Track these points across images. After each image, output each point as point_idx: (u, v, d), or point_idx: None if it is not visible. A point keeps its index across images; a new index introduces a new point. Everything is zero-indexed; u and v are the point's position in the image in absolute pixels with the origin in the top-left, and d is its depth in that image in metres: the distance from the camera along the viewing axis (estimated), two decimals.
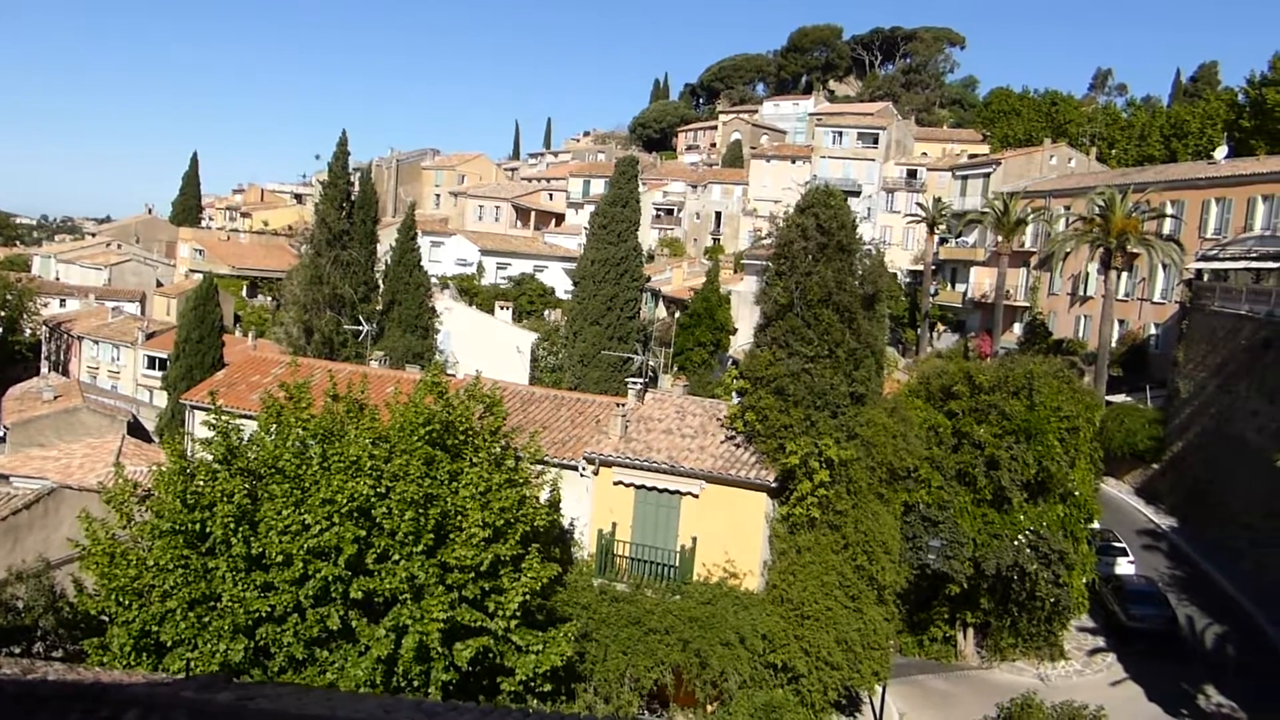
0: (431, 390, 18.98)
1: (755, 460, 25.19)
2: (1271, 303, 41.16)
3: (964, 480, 30.60)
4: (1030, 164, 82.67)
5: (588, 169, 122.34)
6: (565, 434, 27.90)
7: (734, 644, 23.71)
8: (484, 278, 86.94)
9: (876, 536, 24.99)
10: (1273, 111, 74.36)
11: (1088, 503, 32.18)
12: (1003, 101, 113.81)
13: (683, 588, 24.89)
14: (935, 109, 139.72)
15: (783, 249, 25.50)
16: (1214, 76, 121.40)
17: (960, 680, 31.46)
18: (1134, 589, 35.57)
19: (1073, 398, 31.80)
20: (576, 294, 55.10)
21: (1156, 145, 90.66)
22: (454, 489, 17.36)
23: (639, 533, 25.99)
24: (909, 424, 27.04)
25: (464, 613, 16.37)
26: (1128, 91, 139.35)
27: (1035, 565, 30.11)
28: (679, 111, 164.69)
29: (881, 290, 26.89)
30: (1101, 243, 52.09)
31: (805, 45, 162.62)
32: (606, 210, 54.84)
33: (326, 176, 51.15)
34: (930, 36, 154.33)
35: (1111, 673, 32.35)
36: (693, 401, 29.41)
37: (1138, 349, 59.01)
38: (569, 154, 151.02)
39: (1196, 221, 57.94)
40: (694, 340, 61.72)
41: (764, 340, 25.67)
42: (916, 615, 32.36)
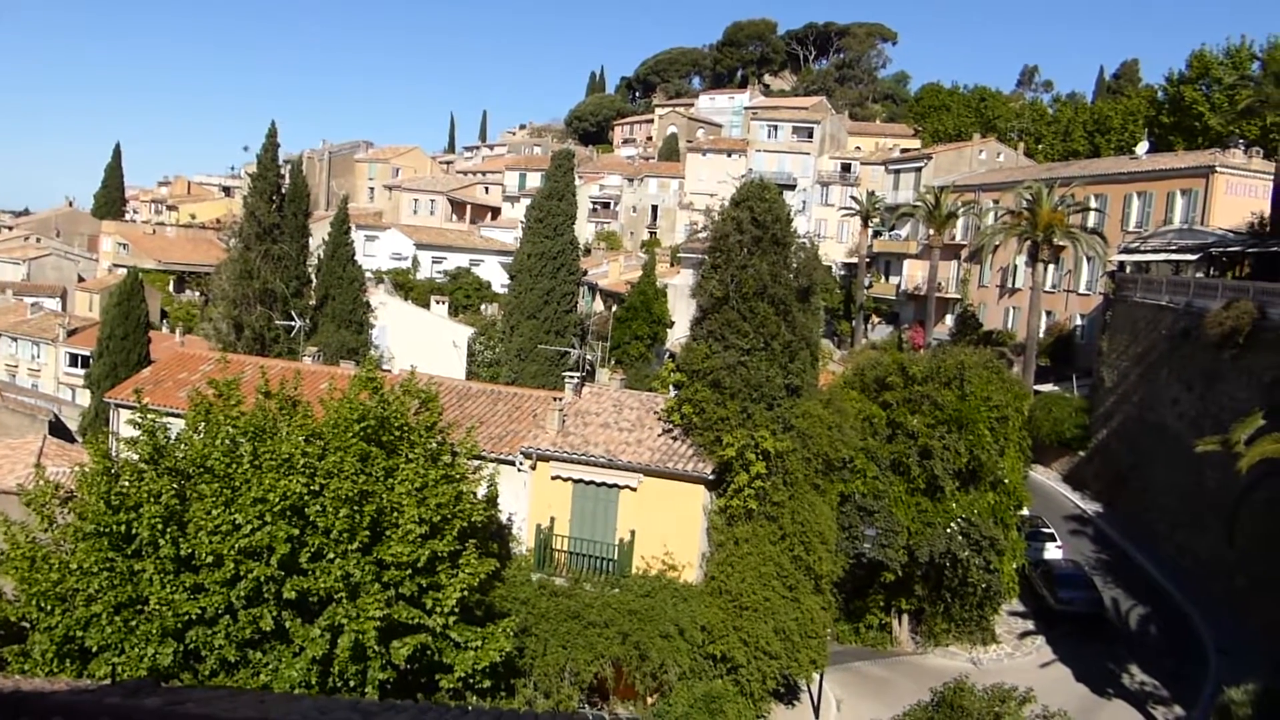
0: (366, 386, 18.72)
1: (692, 453, 25.30)
2: (1190, 293, 42.43)
3: (898, 470, 31.09)
4: (960, 158, 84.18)
5: (524, 162, 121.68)
6: (502, 429, 27.74)
7: (673, 636, 23.81)
8: (419, 272, 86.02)
9: (813, 527, 25.26)
10: (1190, 109, 76.64)
11: (1017, 490, 32.91)
12: (933, 97, 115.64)
13: (622, 581, 24.92)
14: (868, 104, 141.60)
15: (718, 242, 25.61)
16: (1135, 74, 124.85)
17: (896, 666, 31.99)
18: (1062, 573, 36.51)
19: (1002, 388, 32.48)
20: (513, 288, 54.74)
21: (1081, 141, 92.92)
22: (390, 485, 17.15)
23: (577, 527, 25.96)
24: (844, 415, 27.36)
25: (401, 610, 16.18)
26: (1053, 88, 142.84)
27: (967, 552, 30.73)
28: (615, 105, 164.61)
29: (816, 283, 27.16)
30: (1029, 236, 53.27)
31: (740, 40, 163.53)
32: (543, 204, 54.55)
33: (256, 168, 50.09)
34: (863, 32, 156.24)
35: (1041, 655, 33.17)
36: (630, 395, 29.44)
37: (1064, 339, 60.51)
38: (505, 147, 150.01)
39: (1119, 215, 59.55)
40: (631, 333, 61.75)
41: (700, 333, 25.77)
42: (853, 603, 32.82)
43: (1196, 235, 50.96)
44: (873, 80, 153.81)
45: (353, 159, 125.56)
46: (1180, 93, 78.99)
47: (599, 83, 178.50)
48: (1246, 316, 35.81)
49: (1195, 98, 76.61)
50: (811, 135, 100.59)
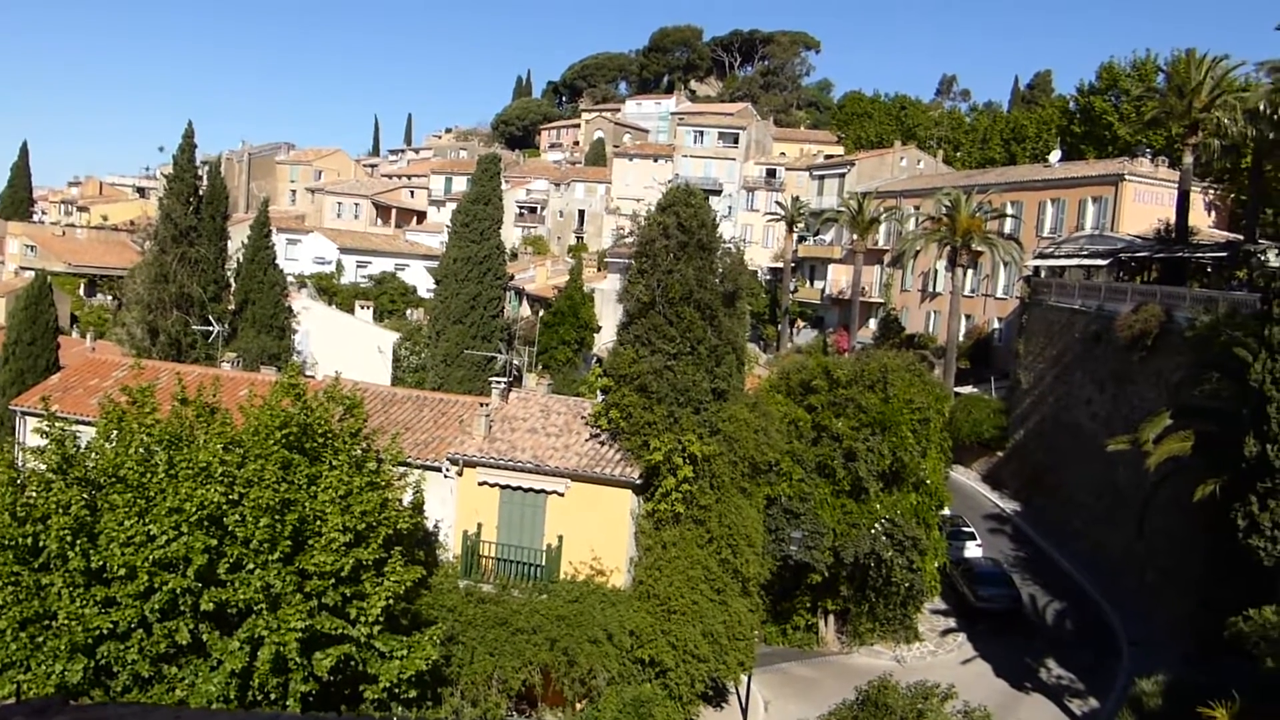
0: (288, 392, 18.34)
1: (620, 457, 25.31)
2: (1101, 298, 43.79)
3: (823, 472, 31.48)
4: (882, 165, 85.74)
5: (449, 166, 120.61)
6: (429, 435, 27.42)
7: (602, 641, 23.76)
8: (343, 276, 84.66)
9: (740, 530, 25.44)
10: (1100, 119, 79.19)
11: (939, 490, 33.60)
12: (856, 105, 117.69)
13: (550, 587, 24.80)
14: (793, 110, 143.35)
15: (644, 247, 25.68)
16: (1049, 85, 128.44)
17: (822, 666, 32.38)
18: (982, 571, 37.35)
19: (924, 390, 33.14)
20: (439, 293, 54.21)
21: (997, 149, 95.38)
22: (313, 493, 16.85)
23: (505, 533, 25.77)
24: (770, 419, 27.61)
25: (323, 620, 15.90)
26: (971, 97, 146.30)
27: (891, 552, 31.25)
28: (542, 109, 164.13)
29: (742, 287, 27.35)
30: (948, 241, 54.45)
31: (667, 45, 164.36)
32: (469, 208, 54.11)
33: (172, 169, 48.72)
34: (787, 40, 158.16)
35: (962, 651, 33.87)
36: (557, 400, 29.34)
37: (983, 343, 61.98)
38: (430, 151, 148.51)
39: (1034, 221, 61.22)
40: (558, 338, 61.59)
41: (627, 338, 25.79)
42: (780, 605, 33.12)
43: (1107, 241, 52.64)
44: (797, 87, 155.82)
45: (274, 161, 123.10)
46: (1090, 103, 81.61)
47: (525, 87, 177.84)
48: (1154, 320, 37.08)
49: (1105, 108, 79.20)
50: (737, 141, 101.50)
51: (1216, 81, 44.96)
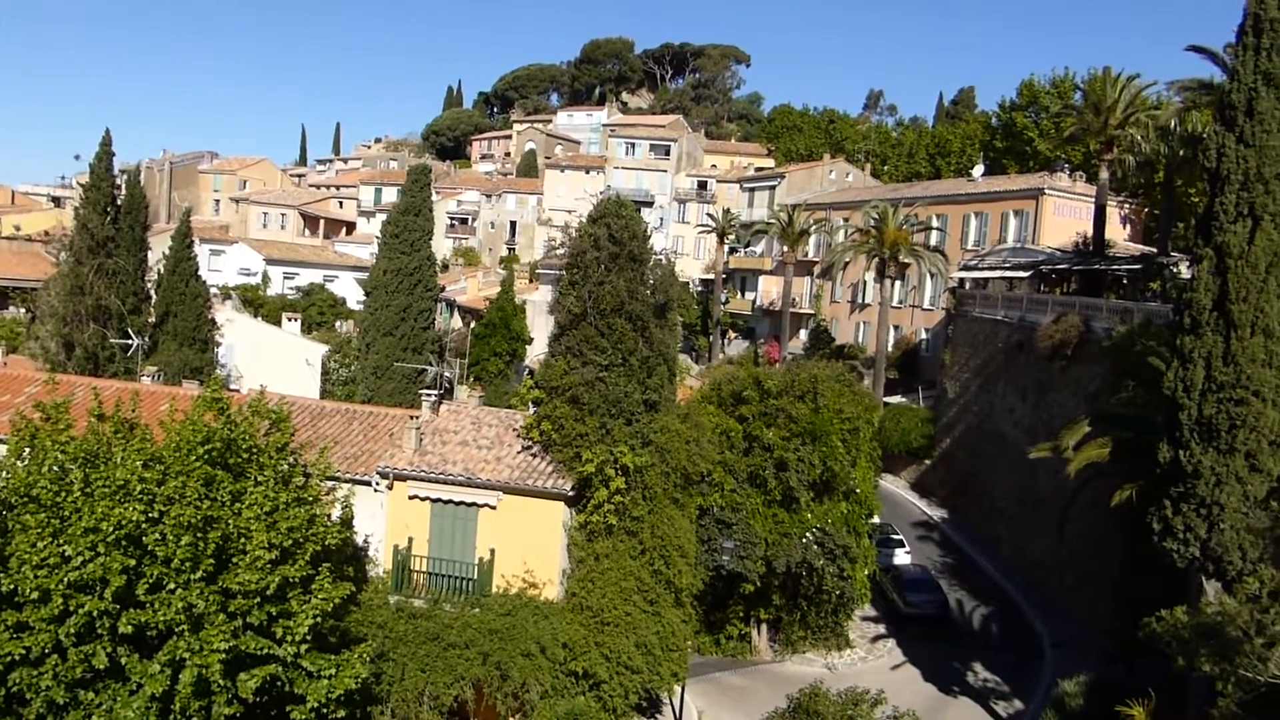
0: (211, 406, 17.91)
1: (552, 469, 25.22)
2: (1023, 308, 44.91)
3: (755, 482, 31.72)
4: (812, 178, 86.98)
5: (379, 176, 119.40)
6: (358, 448, 27.03)
7: (535, 654, 23.60)
8: (270, 288, 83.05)
9: (672, 540, 25.49)
10: (1021, 134, 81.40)
11: (868, 499, 34.08)
12: (785, 118, 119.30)
13: (482, 600, 24.58)
14: (724, 123, 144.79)
15: (575, 259, 25.67)
16: (972, 100, 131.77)
17: (755, 675, 32.57)
18: (910, 577, 37.96)
19: (853, 400, 33.60)
20: (369, 304, 53.51)
21: (923, 162, 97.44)
22: (237, 510, 16.46)
23: (436, 547, 25.49)
24: (702, 429, 27.75)
25: (248, 640, 15.53)
26: (897, 112, 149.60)
27: (822, 561, 31.59)
28: (473, 120, 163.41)
29: (673, 299, 27.46)
30: (877, 253, 55.43)
31: (598, 57, 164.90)
32: (399, 219, 53.52)
33: (88, 178, 47.28)
34: (718, 54, 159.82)
35: (892, 657, 34.36)
36: (489, 412, 29.15)
37: (911, 353, 63.17)
38: (360, 161, 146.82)
39: (959, 234, 62.66)
40: (490, 350, 61.19)
41: (559, 349, 25.74)
42: (713, 615, 33.26)
43: (1028, 254, 54.07)
44: (727, 100, 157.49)
45: (196, 170, 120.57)
46: (1012, 119, 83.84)
47: (456, 97, 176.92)
48: (1073, 330, 38.13)
49: (1025, 124, 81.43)
50: (669, 153, 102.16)
51: (1130, 100, 46.53)
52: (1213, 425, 20.36)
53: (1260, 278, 20.05)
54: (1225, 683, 16.46)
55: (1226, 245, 20.44)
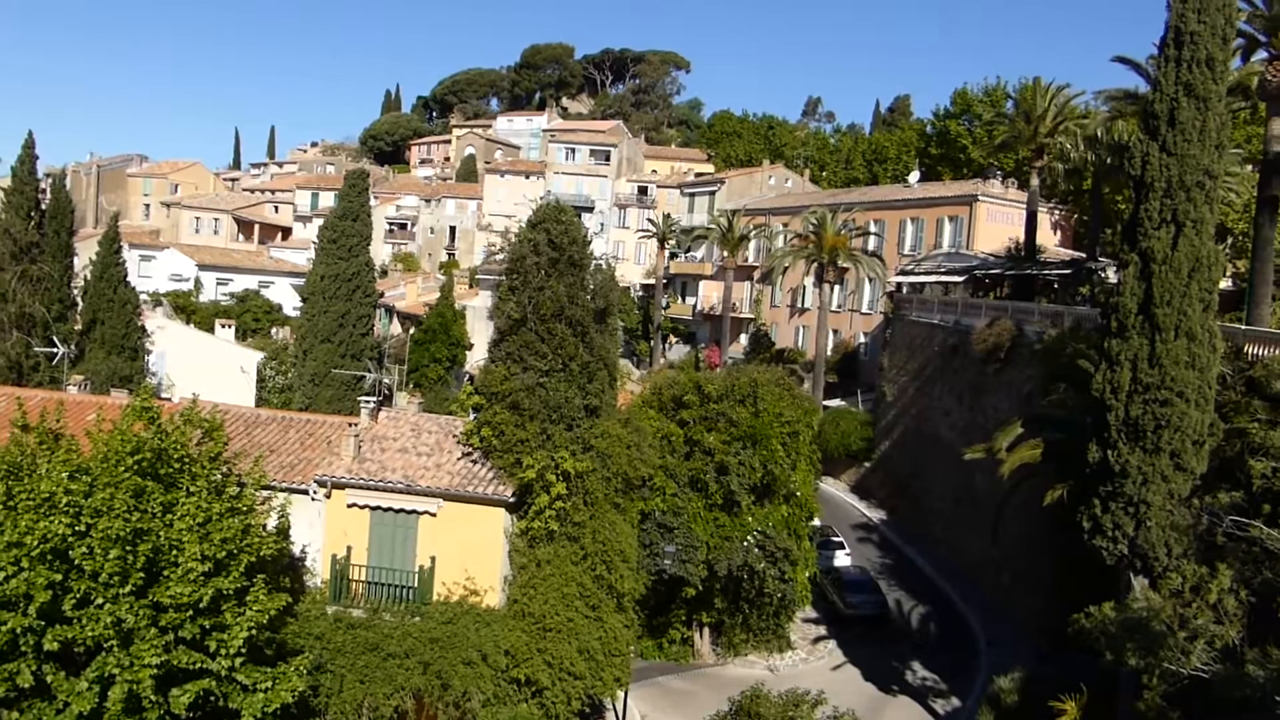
0: (141, 416, 17.53)
1: (493, 476, 25.06)
2: (958, 312, 45.74)
3: (696, 486, 31.86)
4: (751, 183, 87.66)
5: (316, 181, 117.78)
6: (294, 457, 26.57)
7: (476, 662, 23.42)
8: (203, 294, 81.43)
9: (614, 546, 25.46)
10: (955, 142, 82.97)
11: (808, 502, 34.42)
12: (725, 124, 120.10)
13: (422, 609, 24.31)
14: (664, 128, 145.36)
15: (515, 264, 25.54)
16: (907, 108, 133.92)
17: (698, 678, 32.68)
18: (850, 579, 38.40)
19: (793, 404, 33.92)
20: (306, 310, 52.73)
21: (860, 169, 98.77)
22: (168, 522, 16.13)
23: (375, 555, 25.15)
24: (643, 434, 27.77)
25: (181, 655, 15.21)
26: (835, 119, 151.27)
27: (763, 564, 31.81)
28: (412, 124, 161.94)
29: (614, 304, 27.42)
30: (815, 258, 56.04)
31: (538, 62, 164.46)
32: (336, 224, 52.85)
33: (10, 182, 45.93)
34: (658, 59, 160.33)
35: (833, 658, 34.72)
36: (428, 419, 28.87)
37: (850, 357, 63.91)
38: (295, 165, 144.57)
39: (895, 239, 63.60)
40: (430, 356, 60.69)
41: (499, 355, 25.58)
42: (655, 619, 33.31)
43: (963, 259, 55.09)
44: (667, 106, 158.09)
45: (125, 174, 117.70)
46: (946, 127, 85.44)
47: (394, 101, 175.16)
48: (1006, 334, 38.93)
49: (959, 132, 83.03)
50: (609, 158, 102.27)
51: (1060, 109, 47.70)
52: (1139, 426, 20.93)
53: (1183, 282, 20.68)
54: (1150, 676, 16.92)
55: (1151, 251, 21.05)
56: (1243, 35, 28.59)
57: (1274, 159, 29.45)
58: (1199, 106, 20.91)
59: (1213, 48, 20.92)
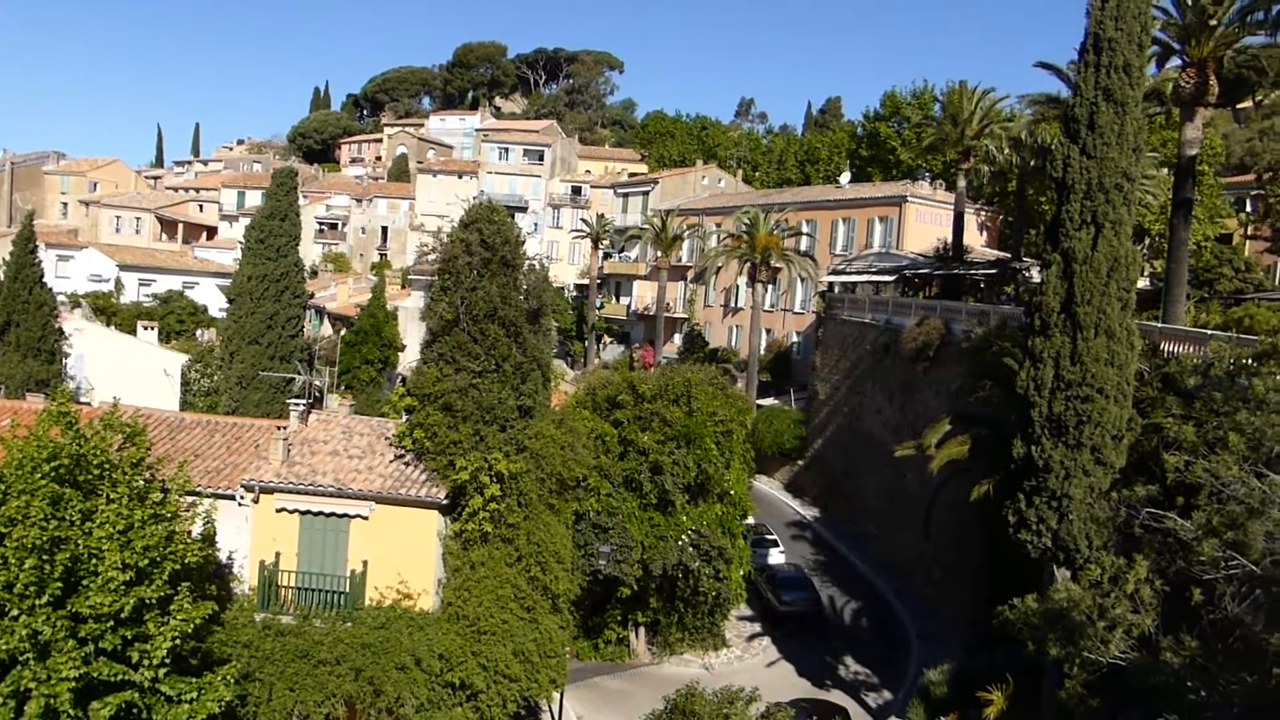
0: (58, 421, 16.98)
1: (426, 478, 24.81)
2: (889, 312, 46.46)
3: (631, 486, 31.89)
4: (685, 183, 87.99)
5: (242, 179, 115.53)
6: (221, 461, 26.02)
7: (410, 667, 23.15)
8: (124, 295, 79.18)
9: (549, 546, 25.38)
10: (885, 143, 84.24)
11: (742, 500, 34.67)
12: (658, 124, 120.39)
13: (354, 614, 23.97)
14: (597, 129, 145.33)
15: (447, 264, 25.32)
16: (839, 110, 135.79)
17: (634, 678, 32.72)
18: (784, 576, 38.78)
19: (727, 403, 34.13)
20: (233, 312, 51.67)
21: (793, 169, 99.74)
22: (87, 530, 15.66)
23: (305, 560, 24.73)
24: (577, 434, 27.71)
25: (101, 666, 14.78)
26: (768, 120, 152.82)
27: (698, 562, 31.96)
28: (341, 122, 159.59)
29: (547, 304, 27.33)
30: (748, 258, 56.50)
31: (471, 61, 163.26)
32: (264, 223, 51.86)
33: None
34: (591, 59, 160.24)
35: (767, 655, 35.03)
36: (360, 421, 28.48)
37: (783, 356, 64.53)
38: (221, 163, 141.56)
39: (827, 239, 64.37)
40: (361, 358, 59.85)
41: (431, 356, 25.34)
42: (591, 620, 33.27)
43: (893, 259, 55.98)
44: (601, 106, 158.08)
45: (41, 171, 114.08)
46: (876, 129, 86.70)
47: (324, 99, 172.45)
48: (935, 333, 39.65)
49: (888, 134, 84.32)
50: (542, 158, 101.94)
51: (985, 112, 48.71)
52: (1061, 421, 21.48)
53: (1103, 281, 21.27)
54: (1071, 665, 17.36)
55: (1072, 251, 21.62)
56: (1158, 43, 29.48)
57: (1187, 163, 30.44)
58: (1117, 111, 21.52)
59: (1129, 54, 21.56)
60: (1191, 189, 31.70)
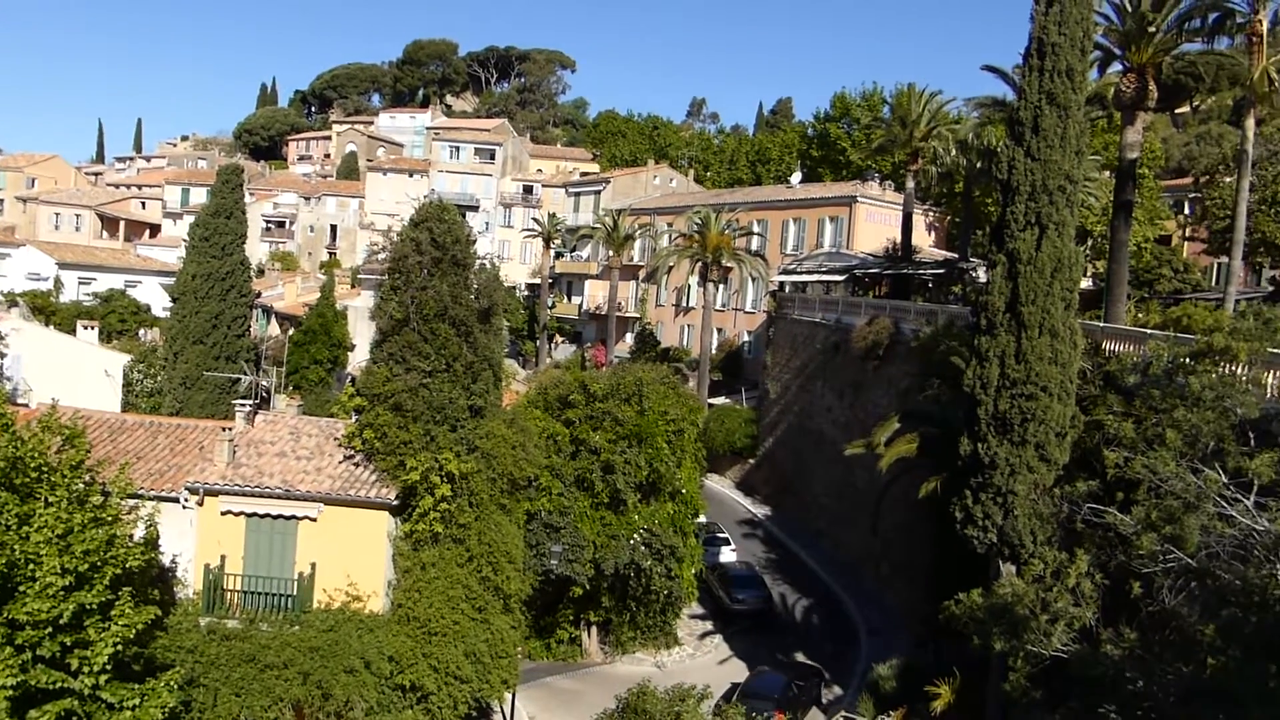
0: None
1: (375, 479, 24.59)
2: (839, 311, 46.89)
3: (582, 486, 31.85)
4: (637, 183, 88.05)
5: (187, 176, 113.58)
6: (164, 464, 25.57)
7: (359, 670, 22.92)
8: (63, 294, 77.38)
9: (500, 546, 25.28)
10: (835, 144, 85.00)
11: (694, 499, 34.78)
12: (610, 123, 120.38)
13: (302, 617, 23.68)
14: (549, 128, 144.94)
15: (397, 264, 25.13)
16: (790, 110, 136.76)
17: (586, 677, 32.69)
18: (736, 574, 38.97)
19: (678, 402, 34.22)
20: (177, 311, 50.76)
21: (744, 169, 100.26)
22: (24, 534, 15.30)
23: (252, 563, 24.37)
24: (528, 434, 27.64)
25: (39, 674, 14.46)
26: (719, 120, 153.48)
27: (650, 561, 32.01)
28: (289, 119, 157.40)
29: (498, 303, 27.22)
30: (700, 257, 56.71)
31: (421, 58, 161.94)
32: (209, 221, 51.02)
33: None
34: (543, 58, 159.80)
35: (719, 652, 35.18)
36: (308, 422, 28.14)
37: (734, 355, 64.83)
38: (165, 159, 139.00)
39: (778, 239, 64.80)
40: (310, 358, 59.10)
41: (381, 356, 25.12)
42: (543, 619, 33.18)
43: (843, 258, 56.50)
44: (553, 105, 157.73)
45: None
46: (826, 130, 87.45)
47: (271, 95, 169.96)
48: (885, 332, 40.10)
49: (839, 135, 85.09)
50: (494, 157, 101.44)
51: (933, 114, 49.37)
52: (1007, 419, 21.84)
53: (1046, 282, 21.66)
54: (1015, 658, 17.67)
55: (1017, 251, 21.98)
56: (1099, 48, 30.06)
57: (1128, 166, 31.09)
58: (1060, 114, 21.92)
59: (1072, 59, 21.97)
60: (1132, 191, 32.37)
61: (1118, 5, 29.81)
